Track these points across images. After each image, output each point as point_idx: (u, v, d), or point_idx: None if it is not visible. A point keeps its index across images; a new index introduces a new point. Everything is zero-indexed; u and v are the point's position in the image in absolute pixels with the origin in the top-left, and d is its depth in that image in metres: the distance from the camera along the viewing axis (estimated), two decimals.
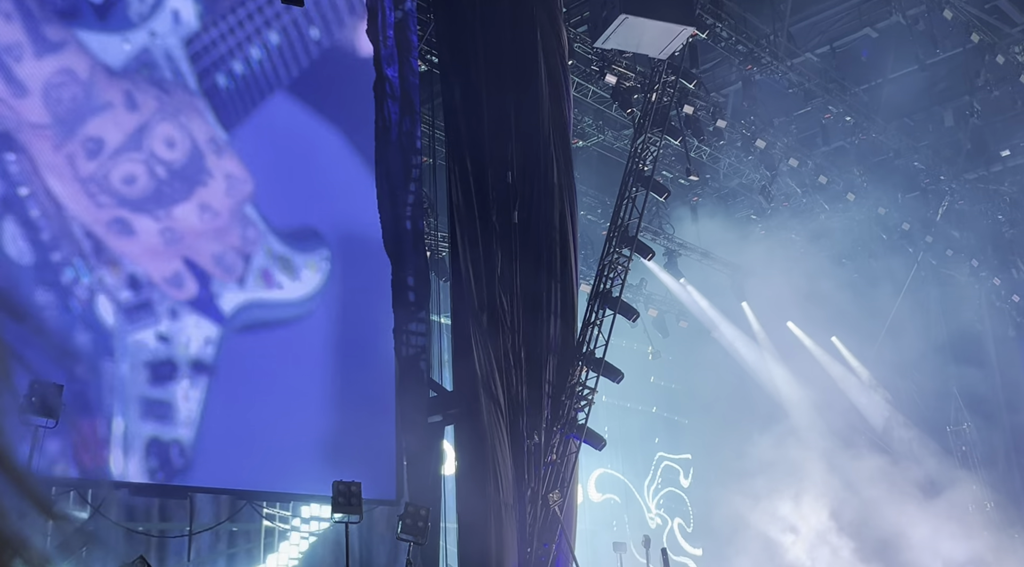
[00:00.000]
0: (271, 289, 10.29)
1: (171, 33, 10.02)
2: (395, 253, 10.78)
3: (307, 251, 10.73)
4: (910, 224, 18.80)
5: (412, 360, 10.95)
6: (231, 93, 10.37)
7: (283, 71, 10.90)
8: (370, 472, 10.09)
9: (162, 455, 9.02)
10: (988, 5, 15.31)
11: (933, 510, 17.58)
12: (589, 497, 17.64)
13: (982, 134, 18.40)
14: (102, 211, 9.06)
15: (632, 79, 14.36)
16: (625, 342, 17.08)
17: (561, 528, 10.51)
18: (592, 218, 17.53)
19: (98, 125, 9.23)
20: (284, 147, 10.79)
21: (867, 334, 19.55)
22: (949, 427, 19.64)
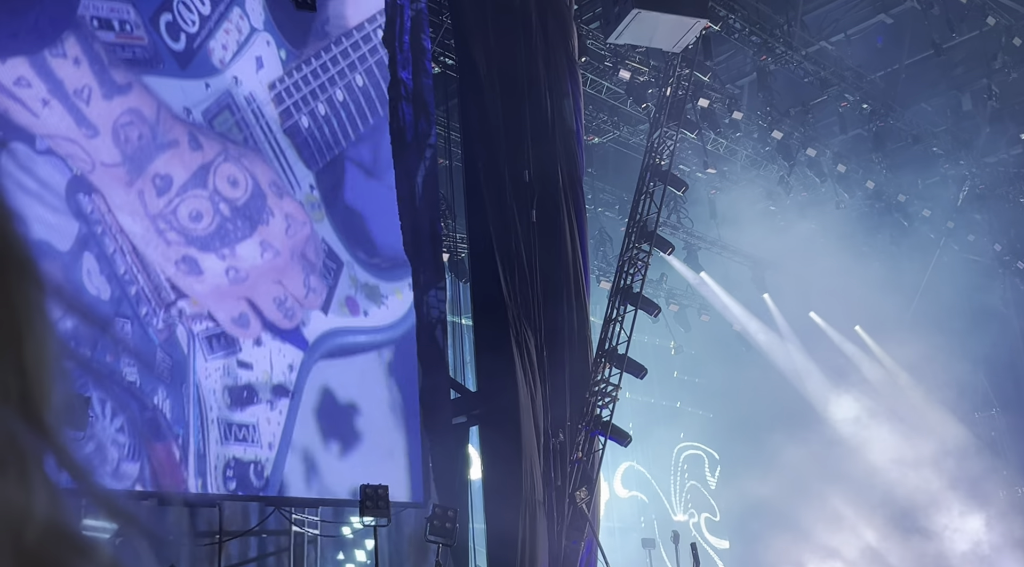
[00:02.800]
0: (356, 317, 10.40)
1: (253, 78, 10.15)
2: (414, 255, 10.80)
3: (394, 279, 10.88)
4: (931, 210, 18.66)
5: (433, 363, 10.96)
6: (314, 134, 10.54)
7: (362, 117, 11.09)
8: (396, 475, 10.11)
9: (242, 475, 9.14)
10: None
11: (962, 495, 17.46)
12: (616, 493, 17.61)
13: (1001, 117, 18.25)
14: (171, 248, 9.19)
15: (646, 74, 14.33)
16: (647, 338, 17.05)
17: (589, 525, 10.50)
18: (610, 214, 17.50)
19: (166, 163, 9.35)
20: (366, 183, 10.97)
21: (891, 322, 19.40)
22: (977, 413, 19.49)
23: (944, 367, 17.73)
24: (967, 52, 16.29)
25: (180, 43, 9.61)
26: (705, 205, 17.95)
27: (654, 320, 13.00)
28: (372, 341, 10.51)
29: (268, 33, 10.38)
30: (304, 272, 9.94)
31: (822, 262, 18.79)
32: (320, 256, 10.17)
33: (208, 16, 9.85)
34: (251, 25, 10.26)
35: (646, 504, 18.41)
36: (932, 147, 18.18)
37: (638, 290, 11.55)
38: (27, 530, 0.57)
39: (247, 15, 10.22)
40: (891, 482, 17.90)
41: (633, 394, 17.09)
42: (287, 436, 9.56)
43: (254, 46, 10.22)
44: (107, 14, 9.08)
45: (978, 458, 18.59)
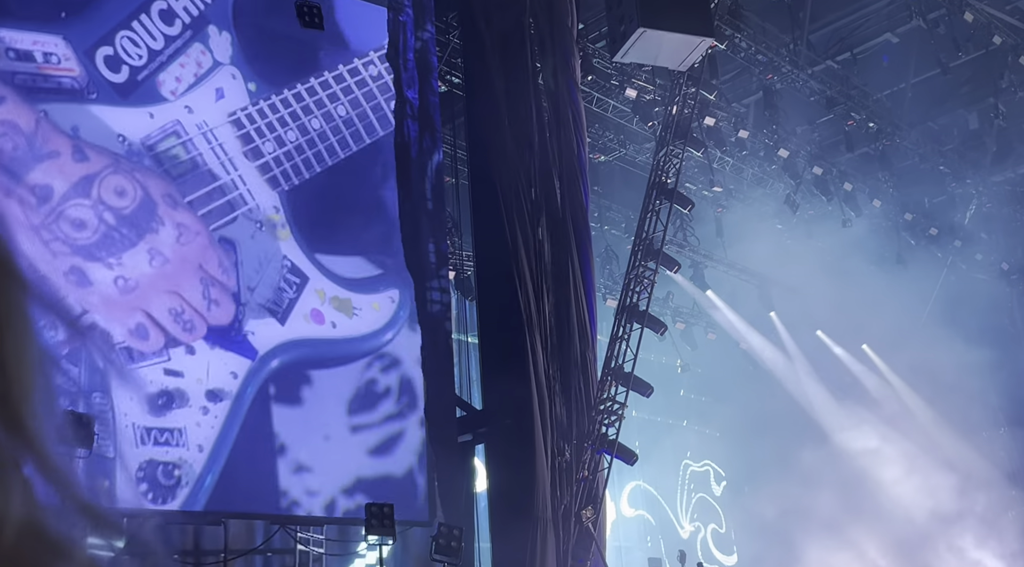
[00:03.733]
0: (321, 326, 10.48)
1: (210, 107, 10.35)
2: (418, 273, 10.81)
3: (371, 291, 10.97)
4: (938, 229, 18.63)
5: (438, 380, 10.95)
6: (280, 159, 10.71)
7: (344, 144, 11.22)
8: (403, 493, 10.09)
9: (152, 476, 9.11)
10: (1009, 6, 15.21)
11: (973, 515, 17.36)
12: (622, 513, 17.54)
13: (1008, 136, 18.23)
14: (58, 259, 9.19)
15: (652, 92, 14.36)
16: (654, 356, 17.00)
17: (595, 544, 10.46)
18: (616, 232, 17.50)
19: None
20: (348, 202, 11.10)
21: (898, 341, 19.35)
22: (985, 433, 19.39)
23: (952, 386, 17.66)
24: (973, 71, 16.30)
25: (121, 75, 9.87)
26: (711, 223, 17.94)
27: (660, 338, 13.01)
28: (345, 352, 10.61)
29: (235, 67, 10.63)
30: (203, 284, 9.94)
31: (829, 280, 18.76)
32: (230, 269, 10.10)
33: (159, 51, 10.14)
34: (214, 59, 10.51)
35: (652, 524, 18.33)
36: (939, 166, 18.17)
37: (644, 308, 11.53)
38: (3, 530, 0.56)
39: (210, 50, 10.49)
40: (899, 504, 17.81)
41: (639, 413, 17.05)
42: (224, 441, 9.60)
43: (215, 78, 10.47)
44: (29, 46, 9.33)
45: (986, 478, 18.50)
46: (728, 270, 18.37)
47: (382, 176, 11.38)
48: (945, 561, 17.03)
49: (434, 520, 10.15)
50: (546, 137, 11.29)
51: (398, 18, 11.33)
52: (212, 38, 10.53)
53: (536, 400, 10.38)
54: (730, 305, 18.69)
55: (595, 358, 11.26)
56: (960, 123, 17.88)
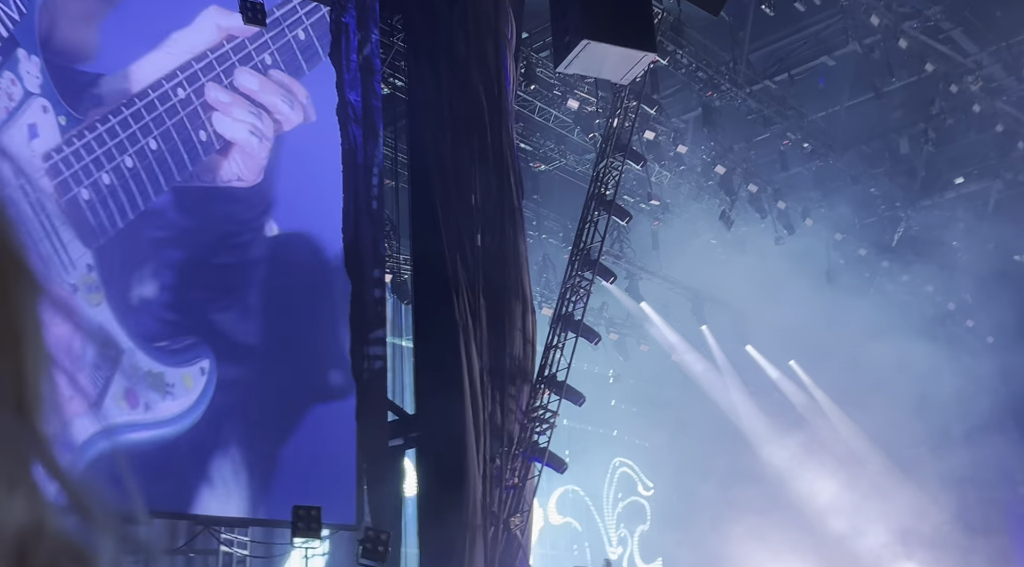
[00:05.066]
0: (135, 410, 9.13)
1: (25, 148, 8.85)
2: (355, 275, 10.73)
3: (184, 363, 9.57)
4: (867, 250, 19.06)
5: (370, 384, 10.89)
6: (96, 207, 9.28)
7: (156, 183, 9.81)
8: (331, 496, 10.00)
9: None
10: (942, 35, 15.64)
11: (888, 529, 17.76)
12: (549, 520, 17.61)
13: (936, 161, 18.75)
14: None
15: (594, 104, 14.50)
16: (586, 365, 17.11)
17: (522, 552, 10.49)
18: (554, 241, 17.59)
19: None
20: (164, 252, 9.82)
21: (825, 359, 19.74)
22: (906, 450, 19.85)
23: (875, 404, 18.08)
24: (906, 97, 16.73)
25: None
26: (648, 236, 18.14)
27: (594, 348, 13.09)
28: (154, 437, 9.10)
29: (46, 98, 9.13)
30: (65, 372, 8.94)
31: (760, 296, 19.09)
32: (90, 348, 9.53)
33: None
34: (24, 89, 8.99)
35: (579, 532, 18.42)
36: (870, 188, 18.60)
37: (579, 318, 11.61)
38: (34, 540, 0.57)
39: (20, 78, 8.97)
40: (822, 517, 18.16)
41: (570, 421, 17.14)
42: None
43: (28, 112, 9.00)
44: None
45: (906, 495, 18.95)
46: (662, 283, 18.59)
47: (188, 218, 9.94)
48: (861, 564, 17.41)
49: (361, 524, 10.09)
50: (487, 144, 11.32)
51: (341, 19, 11.26)
52: (22, 64, 8.99)
53: (469, 406, 10.39)
54: (663, 317, 18.91)
55: (533, 366, 11.31)
56: (891, 147, 18.32)
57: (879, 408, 18.11)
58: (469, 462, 10.19)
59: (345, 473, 10.35)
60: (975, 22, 15.70)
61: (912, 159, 18.30)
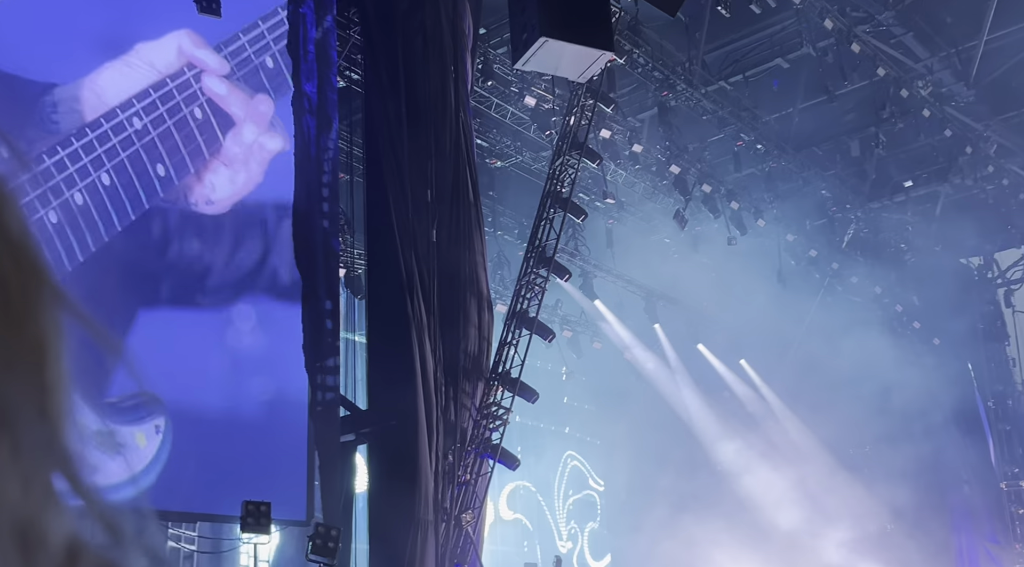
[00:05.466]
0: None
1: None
2: (307, 269, 10.63)
3: (136, 420, 9.22)
4: (817, 251, 19.30)
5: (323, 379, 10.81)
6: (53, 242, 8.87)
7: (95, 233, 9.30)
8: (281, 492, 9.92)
9: None
10: (894, 40, 15.87)
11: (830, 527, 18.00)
12: (500, 515, 17.62)
13: (886, 165, 19.03)
14: None
15: (551, 101, 14.51)
16: (540, 362, 17.14)
17: (473, 549, 10.48)
18: (509, 239, 17.59)
19: None
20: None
21: (775, 358, 19.98)
22: (852, 449, 20.14)
23: (823, 404, 18.31)
24: (858, 100, 16.94)
25: None
26: (602, 234, 18.21)
27: (547, 345, 13.11)
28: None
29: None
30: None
31: (712, 296, 19.27)
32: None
33: None
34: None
35: (530, 529, 18.46)
36: (821, 190, 18.82)
37: (534, 315, 11.63)
38: (80, 554, 0.56)
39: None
40: (771, 515, 18.36)
41: (523, 418, 17.17)
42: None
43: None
44: None
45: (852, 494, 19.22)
46: (616, 281, 18.67)
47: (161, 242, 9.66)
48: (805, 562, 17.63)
49: (312, 520, 10.01)
50: (443, 139, 11.28)
51: (298, 9, 11.16)
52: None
53: (422, 402, 10.35)
54: (617, 315, 19.00)
55: (487, 363, 11.30)
56: (843, 150, 18.56)
57: (827, 408, 18.35)
58: (421, 458, 10.15)
59: (296, 469, 10.28)
60: (926, 28, 15.96)
61: (863, 162, 18.55)
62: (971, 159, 17.90)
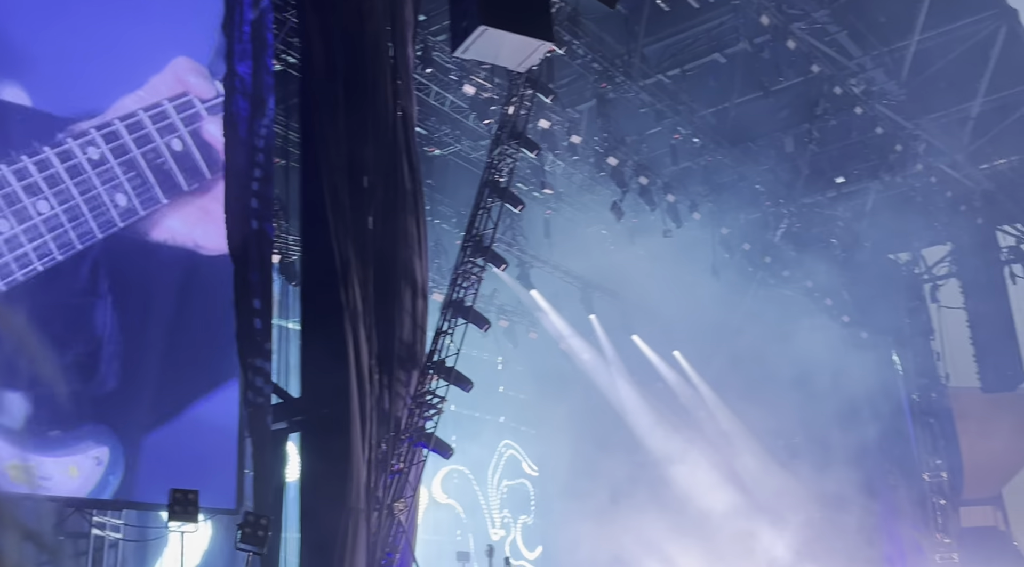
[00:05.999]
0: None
1: None
2: (240, 254, 10.47)
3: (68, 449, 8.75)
4: (751, 244, 19.55)
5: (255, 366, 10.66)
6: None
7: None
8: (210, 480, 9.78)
9: None
10: (828, 38, 16.10)
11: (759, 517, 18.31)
12: (434, 498, 17.59)
13: (819, 161, 19.33)
14: None
15: (490, 90, 14.48)
16: (475, 352, 17.13)
17: (406, 537, 10.44)
18: (447, 227, 17.54)
19: None
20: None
21: (707, 350, 20.24)
22: (782, 440, 20.49)
23: (754, 396, 18.60)
24: (792, 97, 17.18)
25: None
26: (540, 224, 18.25)
27: (483, 334, 13.10)
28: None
29: None
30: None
31: (647, 287, 19.42)
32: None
33: None
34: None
35: (462, 517, 18.47)
36: (755, 184, 19.06)
37: (470, 304, 11.60)
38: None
39: None
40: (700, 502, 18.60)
41: (457, 407, 17.14)
42: None
43: None
44: None
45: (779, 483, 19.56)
46: (553, 271, 18.73)
47: (91, 284, 9.30)
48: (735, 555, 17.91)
49: (241, 508, 9.89)
50: (381, 125, 11.19)
51: None
52: None
53: (355, 390, 10.27)
54: (553, 306, 19.07)
55: (422, 351, 11.24)
56: (777, 145, 18.81)
57: (758, 399, 18.64)
58: (354, 446, 10.08)
59: (226, 456, 10.14)
60: (859, 26, 16.22)
61: (796, 158, 18.82)
62: (901, 157, 18.25)
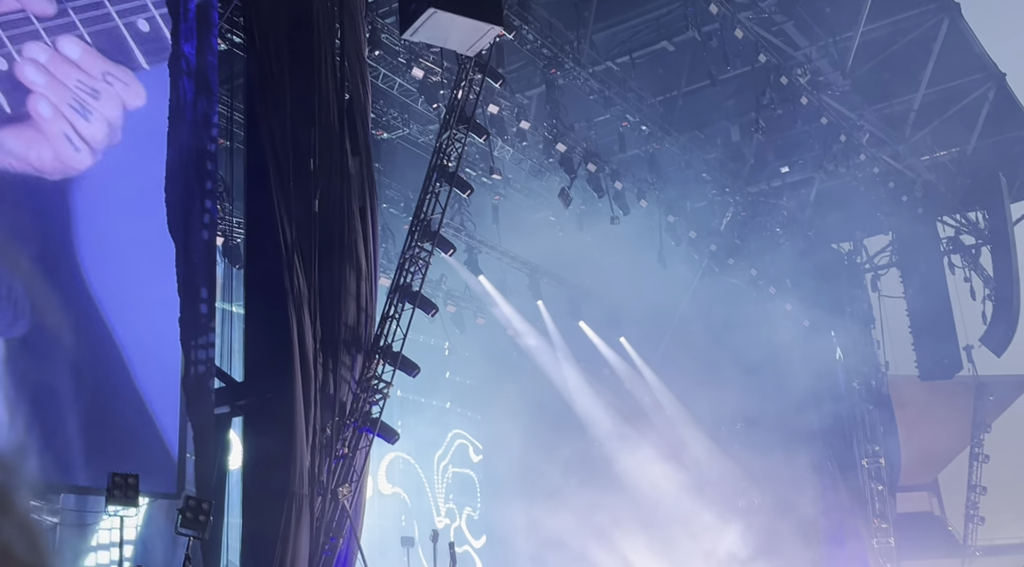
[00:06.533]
0: None
1: None
2: (182, 237, 10.31)
3: None
4: (697, 232, 19.71)
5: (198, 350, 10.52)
6: None
7: None
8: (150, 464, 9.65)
9: None
10: (775, 28, 16.27)
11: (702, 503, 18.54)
12: (379, 489, 17.54)
13: (764, 150, 19.54)
14: None
15: (439, 74, 14.39)
16: (422, 337, 17.09)
17: (349, 523, 10.39)
18: (395, 211, 17.44)
19: None
20: None
21: (654, 336, 20.40)
22: (724, 427, 20.75)
23: (698, 380, 18.79)
24: (739, 86, 17.33)
25: None
26: (488, 210, 18.23)
27: (430, 320, 13.05)
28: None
29: None
30: None
31: (595, 274, 19.52)
32: None
33: None
34: None
35: (407, 503, 18.45)
36: (702, 173, 19.21)
37: (417, 289, 11.54)
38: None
39: None
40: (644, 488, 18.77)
41: (404, 392, 17.11)
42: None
43: None
44: None
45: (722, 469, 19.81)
46: (501, 257, 18.73)
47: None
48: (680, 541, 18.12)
49: (182, 492, 9.78)
50: (328, 107, 11.06)
51: None
52: None
53: (299, 374, 10.18)
54: (500, 291, 19.07)
55: (368, 336, 11.17)
56: (723, 134, 18.98)
57: (701, 386, 18.83)
58: (297, 431, 10.00)
59: (167, 440, 10.01)
60: (806, 17, 16.42)
61: (742, 147, 19.00)
62: (844, 147, 18.52)
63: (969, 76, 18.98)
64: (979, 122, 19.55)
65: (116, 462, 8.89)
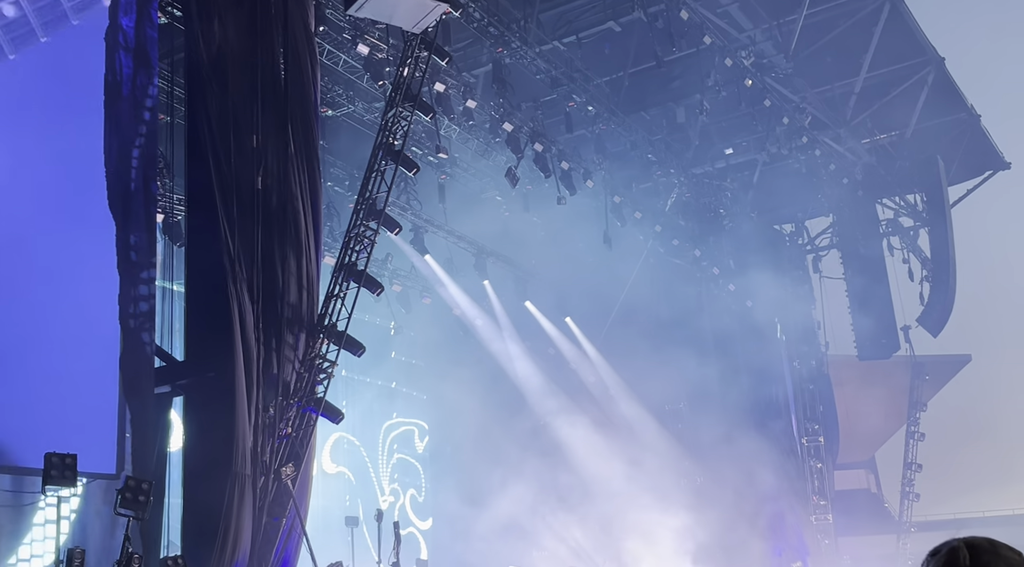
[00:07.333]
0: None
1: None
2: (121, 214, 10.13)
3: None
4: (642, 213, 19.82)
5: (137, 329, 10.37)
6: None
7: None
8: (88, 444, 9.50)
9: None
10: (720, 10, 16.35)
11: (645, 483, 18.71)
12: (323, 469, 17.47)
13: (709, 132, 19.69)
14: None
15: (385, 51, 14.26)
16: (368, 316, 17.00)
17: (293, 502, 10.34)
18: (340, 190, 17.30)
19: None
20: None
21: (599, 316, 20.51)
22: (667, 406, 20.95)
23: (642, 360, 18.93)
24: (685, 67, 17.41)
25: None
26: (435, 189, 18.14)
27: (376, 299, 13.00)
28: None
29: None
30: None
31: (541, 254, 19.56)
32: None
33: None
34: None
35: (352, 483, 18.40)
36: (647, 154, 19.30)
37: (363, 268, 11.47)
38: None
39: None
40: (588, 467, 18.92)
41: (349, 372, 17.02)
42: None
43: None
44: None
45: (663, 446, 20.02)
46: (447, 237, 18.67)
47: None
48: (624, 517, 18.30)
49: (122, 473, 9.65)
50: (271, 84, 10.91)
51: None
52: None
53: (241, 354, 10.07)
54: (447, 271, 19.03)
55: (312, 315, 11.08)
56: (669, 115, 19.06)
57: (646, 366, 18.98)
58: (239, 411, 9.90)
59: (106, 420, 9.86)
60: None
61: (687, 128, 19.11)
62: (787, 129, 18.73)
63: (909, 60, 19.28)
64: (918, 106, 19.87)
65: (54, 442, 8.75)
